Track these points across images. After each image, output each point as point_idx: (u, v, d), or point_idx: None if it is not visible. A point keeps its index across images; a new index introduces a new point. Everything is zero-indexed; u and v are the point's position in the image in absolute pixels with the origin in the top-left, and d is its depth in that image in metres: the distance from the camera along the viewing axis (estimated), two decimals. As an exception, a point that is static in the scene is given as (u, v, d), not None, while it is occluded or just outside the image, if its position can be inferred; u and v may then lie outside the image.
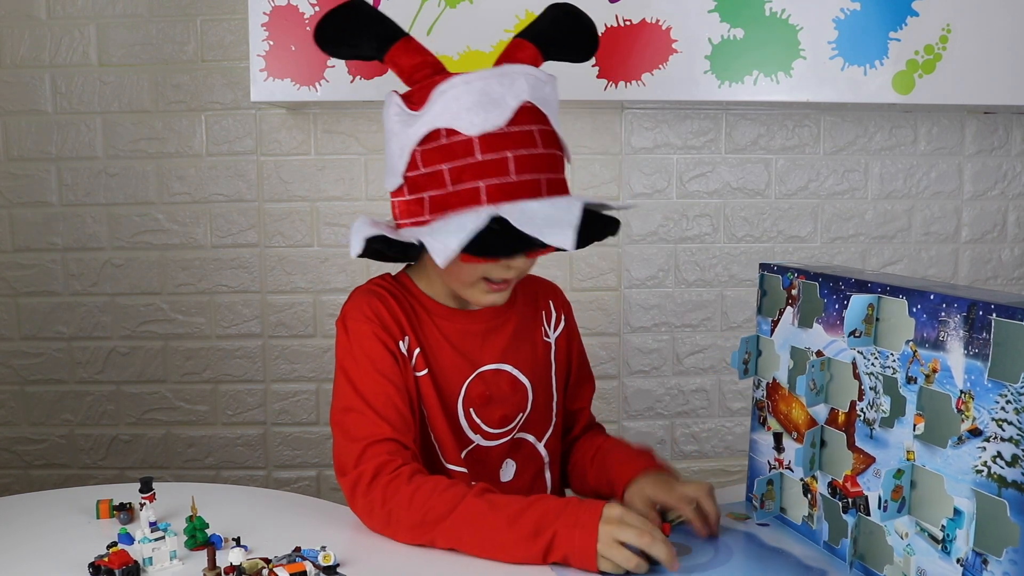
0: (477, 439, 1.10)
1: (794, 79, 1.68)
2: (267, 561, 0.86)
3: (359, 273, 1.82)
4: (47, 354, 1.85)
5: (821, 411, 0.93)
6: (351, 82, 1.64)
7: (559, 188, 0.98)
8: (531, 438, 1.14)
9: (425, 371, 1.07)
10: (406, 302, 1.09)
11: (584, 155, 1.82)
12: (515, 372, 1.13)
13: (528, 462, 1.14)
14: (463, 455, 1.10)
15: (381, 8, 1.62)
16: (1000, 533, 0.71)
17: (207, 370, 1.85)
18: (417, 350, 1.07)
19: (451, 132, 0.95)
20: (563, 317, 1.20)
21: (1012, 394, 0.69)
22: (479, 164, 0.94)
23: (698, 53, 1.66)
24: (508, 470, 1.13)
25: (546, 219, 0.90)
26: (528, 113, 0.97)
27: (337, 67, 1.63)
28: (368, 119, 1.79)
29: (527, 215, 0.90)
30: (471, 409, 1.10)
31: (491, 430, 1.11)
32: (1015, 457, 0.69)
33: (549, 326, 1.19)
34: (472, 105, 0.95)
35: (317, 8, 1.62)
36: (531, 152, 0.96)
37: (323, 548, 0.87)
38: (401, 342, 1.06)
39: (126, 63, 1.77)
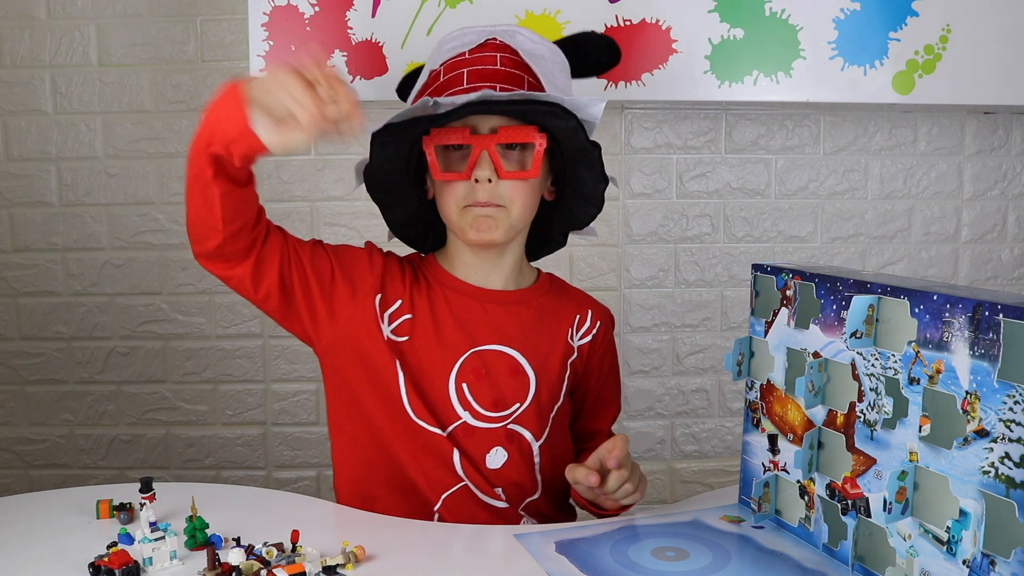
0: (465, 416, 1.10)
1: (794, 79, 1.68)
2: (265, 562, 0.85)
3: (359, 273, 1.82)
4: (47, 354, 1.84)
5: (819, 413, 0.93)
6: (351, 82, 1.64)
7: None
8: (527, 434, 1.12)
9: (406, 338, 1.10)
10: (419, 274, 1.15)
11: (584, 155, 1.82)
12: (520, 359, 1.12)
13: (522, 457, 1.12)
14: (447, 431, 1.09)
15: (381, 8, 1.64)
16: (1008, 534, 0.70)
17: (207, 370, 1.85)
18: (406, 316, 1.11)
19: (433, 72, 1.09)
20: (597, 330, 1.21)
21: (1020, 395, 0.69)
22: (442, 83, 1.06)
23: (698, 53, 1.66)
24: (497, 457, 1.11)
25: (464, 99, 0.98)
26: (493, 47, 1.07)
27: (336, 67, 1.63)
28: (368, 119, 1.77)
29: (453, 100, 0.98)
30: (464, 384, 1.10)
31: (483, 411, 1.10)
32: None
33: (576, 331, 1.19)
34: (449, 48, 1.08)
35: (317, 8, 1.62)
36: (486, 67, 1.04)
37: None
38: (379, 295, 1.10)
39: (126, 63, 1.77)
